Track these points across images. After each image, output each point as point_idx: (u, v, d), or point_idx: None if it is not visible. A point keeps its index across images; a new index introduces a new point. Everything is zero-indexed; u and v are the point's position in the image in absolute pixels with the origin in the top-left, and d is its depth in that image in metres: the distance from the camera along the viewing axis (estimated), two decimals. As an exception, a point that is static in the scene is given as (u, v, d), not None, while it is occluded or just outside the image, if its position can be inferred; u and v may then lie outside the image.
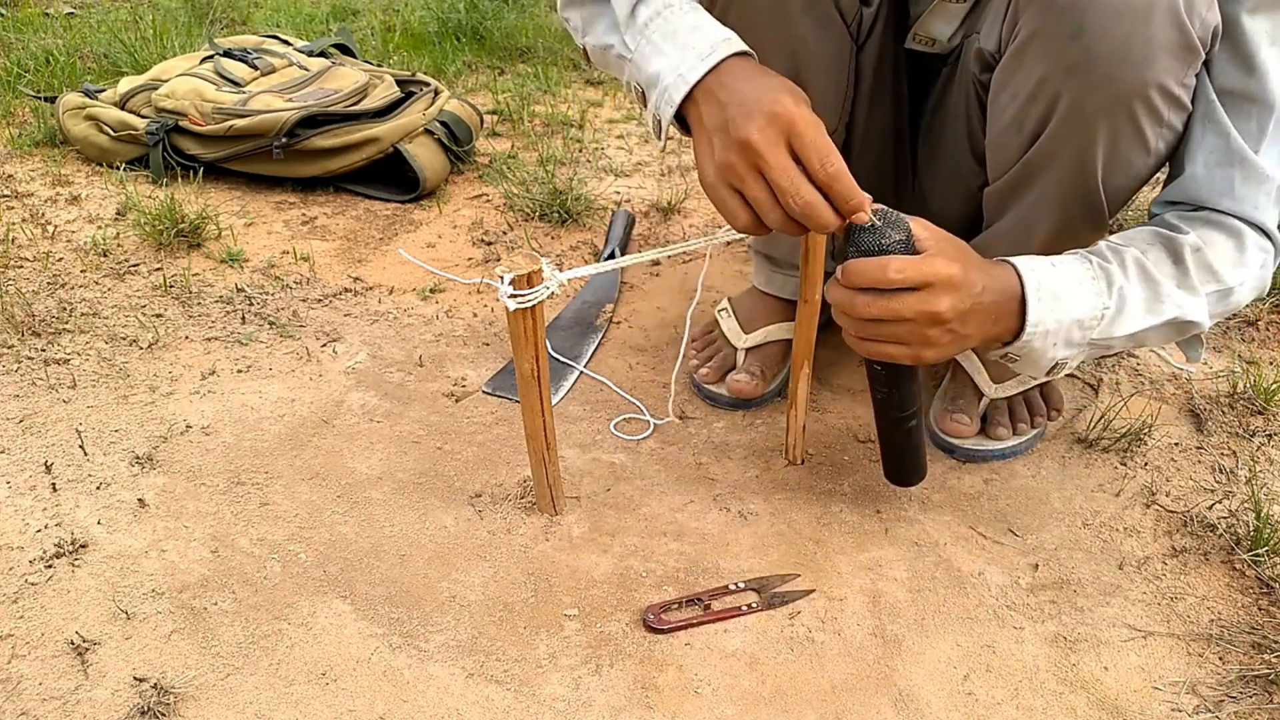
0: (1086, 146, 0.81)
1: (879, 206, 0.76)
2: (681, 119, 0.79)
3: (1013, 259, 0.80)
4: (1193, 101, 0.81)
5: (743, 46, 0.77)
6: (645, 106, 0.83)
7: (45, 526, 0.90)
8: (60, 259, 1.36)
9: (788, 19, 0.88)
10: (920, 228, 0.77)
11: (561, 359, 1.19)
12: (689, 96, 0.76)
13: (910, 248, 0.75)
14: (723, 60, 0.76)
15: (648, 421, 1.09)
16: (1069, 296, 0.79)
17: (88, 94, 1.72)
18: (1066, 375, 1.17)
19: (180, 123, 1.60)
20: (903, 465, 0.93)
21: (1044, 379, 1.02)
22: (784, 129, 0.71)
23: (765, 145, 0.71)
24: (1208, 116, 0.81)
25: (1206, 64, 0.80)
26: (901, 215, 0.76)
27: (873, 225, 0.74)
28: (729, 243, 1.48)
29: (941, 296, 0.74)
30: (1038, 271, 0.79)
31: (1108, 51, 0.75)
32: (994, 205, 0.94)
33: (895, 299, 0.74)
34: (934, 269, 0.74)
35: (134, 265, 1.36)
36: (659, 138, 0.81)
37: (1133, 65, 0.75)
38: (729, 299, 1.20)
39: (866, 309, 0.75)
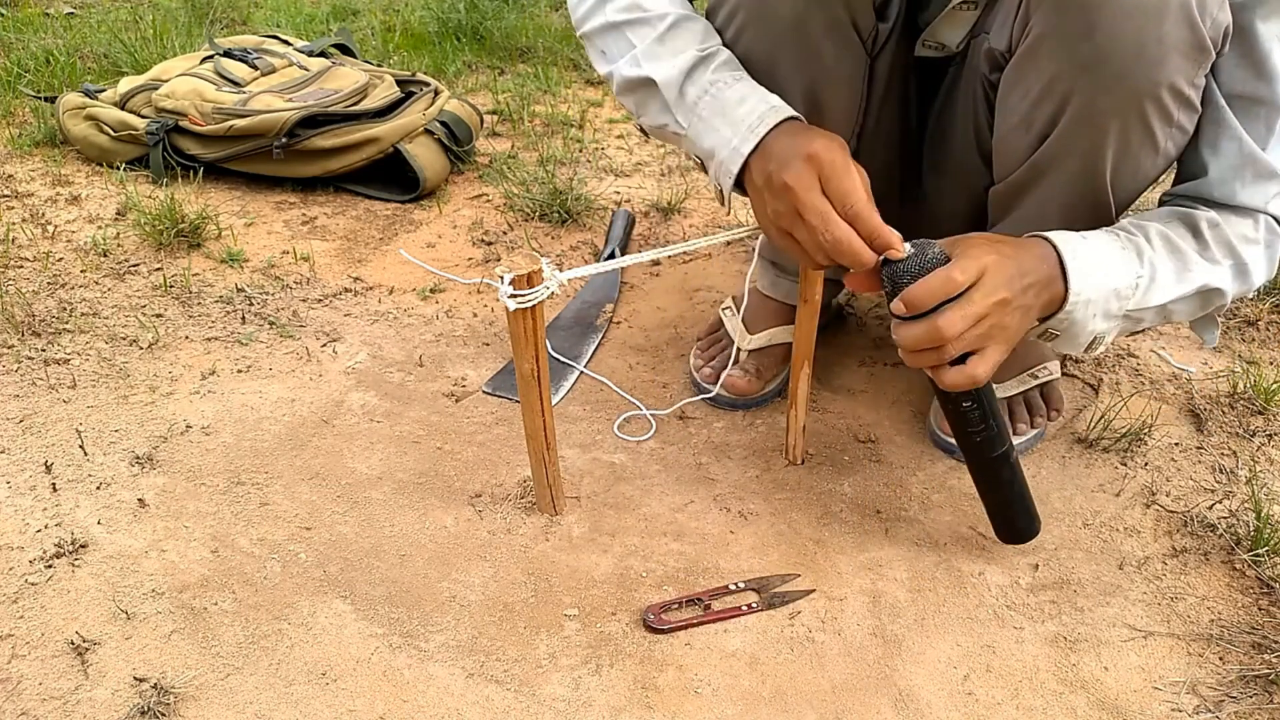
0: (1097, 146, 0.81)
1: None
2: (739, 184, 0.83)
3: (1040, 233, 0.81)
4: (1201, 104, 0.81)
5: (789, 112, 0.81)
6: (706, 173, 0.87)
7: (45, 526, 0.90)
8: (60, 259, 1.36)
9: (808, 39, 0.88)
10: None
11: (561, 359, 1.19)
12: (744, 165, 0.81)
13: (948, 257, 0.77)
14: (771, 129, 0.80)
15: (649, 421, 1.09)
16: (1105, 264, 0.80)
17: (88, 94, 1.72)
18: (1066, 375, 1.18)
19: (180, 123, 1.60)
20: (1023, 510, 0.88)
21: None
22: (816, 170, 0.75)
23: (800, 188, 0.75)
24: (1218, 121, 0.82)
25: (1215, 68, 0.80)
26: (927, 240, 0.78)
27: (910, 253, 0.76)
28: (729, 243, 1.48)
29: (997, 279, 0.75)
30: (1071, 242, 0.80)
31: (1121, 50, 0.75)
32: (999, 205, 0.94)
33: (969, 302, 0.74)
34: (981, 256, 0.75)
35: (134, 265, 1.36)
36: (723, 204, 0.87)
37: (1145, 64, 0.75)
38: (732, 298, 1.20)
39: (953, 326, 0.74)
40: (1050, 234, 0.80)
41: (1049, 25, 0.78)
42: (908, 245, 0.76)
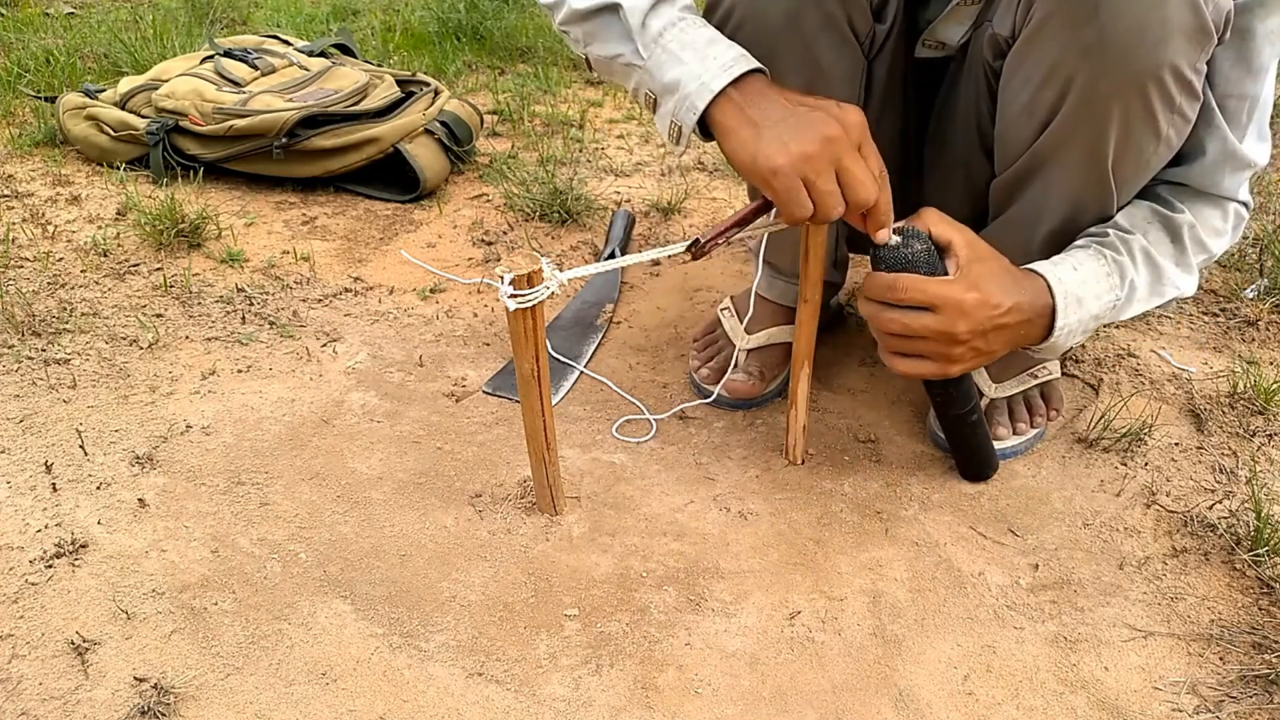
0: (1099, 131, 0.82)
1: (899, 224, 0.82)
2: (702, 125, 0.82)
3: (1040, 268, 0.86)
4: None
5: (759, 65, 0.81)
6: (654, 113, 0.85)
7: (45, 526, 0.90)
8: (60, 259, 1.36)
9: (802, 38, 0.88)
10: (963, 246, 0.83)
11: (561, 359, 1.19)
12: (713, 103, 0.79)
13: (933, 257, 0.81)
14: (745, 74, 0.79)
15: (649, 421, 1.09)
16: (1090, 298, 0.86)
17: (88, 94, 1.72)
18: (1066, 375, 1.18)
19: (180, 123, 1.60)
20: (975, 459, 0.99)
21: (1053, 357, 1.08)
22: (857, 138, 0.78)
23: (844, 145, 0.77)
24: (1207, 121, 0.86)
25: (1212, 70, 0.83)
26: (920, 230, 0.83)
27: (897, 242, 0.81)
28: (729, 243, 1.48)
29: (957, 320, 0.81)
30: (1065, 282, 0.85)
31: (1124, 31, 0.75)
32: (1001, 197, 0.94)
33: (910, 316, 0.81)
34: (943, 292, 0.80)
35: (134, 265, 1.36)
36: (677, 143, 0.84)
37: (1148, 46, 0.76)
38: (731, 298, 1.20)
39: (889, 324, 0.82)
40: (1048, 271, 0.86)
41: (1052, 8, 0.79)
42: (894, 236, 0.81)
